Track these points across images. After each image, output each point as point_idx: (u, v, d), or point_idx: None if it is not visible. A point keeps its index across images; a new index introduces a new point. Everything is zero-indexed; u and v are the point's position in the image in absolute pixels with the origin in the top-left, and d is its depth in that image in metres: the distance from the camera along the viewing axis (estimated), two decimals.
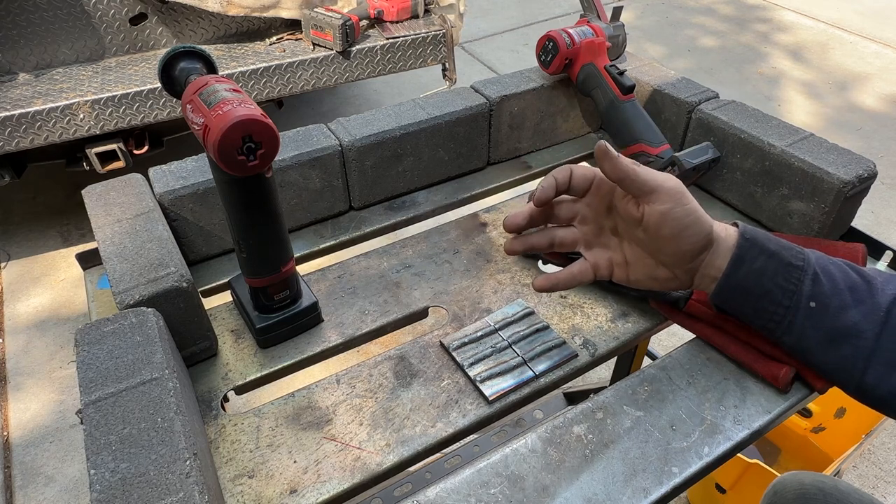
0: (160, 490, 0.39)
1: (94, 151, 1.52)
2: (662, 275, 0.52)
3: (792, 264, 0.49)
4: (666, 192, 0.48)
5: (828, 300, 0.48)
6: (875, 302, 0.48)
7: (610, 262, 0.54)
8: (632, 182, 0.48)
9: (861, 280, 0.49)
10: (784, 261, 0.49)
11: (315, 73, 1.63)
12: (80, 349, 0.47)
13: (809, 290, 0.48)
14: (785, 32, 3.26)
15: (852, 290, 0.49)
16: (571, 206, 0.54)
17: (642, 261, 0.53)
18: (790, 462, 1.32)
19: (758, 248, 0.49)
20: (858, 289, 0.49)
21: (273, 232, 0.56)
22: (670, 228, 0.48)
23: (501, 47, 3.05)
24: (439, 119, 0.78)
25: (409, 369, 0.59)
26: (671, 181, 0.48)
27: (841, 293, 0.48)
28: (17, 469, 1.34)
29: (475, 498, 0.47)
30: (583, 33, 0.84)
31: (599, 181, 0.52)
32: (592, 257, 0.54)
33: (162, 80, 0.53)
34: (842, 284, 0.49)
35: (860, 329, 0.48)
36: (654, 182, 0.48)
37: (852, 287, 0.49)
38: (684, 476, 0.49)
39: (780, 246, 0.50)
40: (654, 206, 0.48)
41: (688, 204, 0.48)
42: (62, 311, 1.68)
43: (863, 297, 0.48)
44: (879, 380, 0.47)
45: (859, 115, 2.57)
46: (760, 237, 0.50)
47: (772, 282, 0.49)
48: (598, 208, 0.53)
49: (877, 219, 2.03)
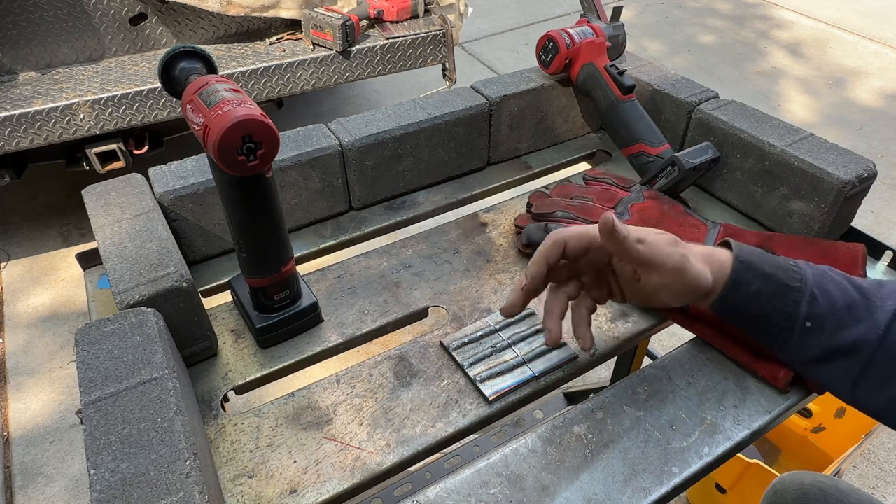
0: (160, 490, 0.39)
1: (94, 151, 1.52)
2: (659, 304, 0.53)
3: (788, 286, 0.49)
4: (667, 271, 0.48)
5: (823, 321, 0.48)
6: (873, 320, 0.48)
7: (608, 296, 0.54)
8: (634, 260, 0.48)
9: (860, 297, 0.49)
10: (780, 283, 0.49)
11: (315, 73, 1.63)
12: (80, 349, 0.47)
13: (806, 312, 0.48)
14: (784, 31, 3.25)
15: (850, 309, 0.48)
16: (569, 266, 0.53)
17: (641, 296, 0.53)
18: (790, 462, 1.32)
19: (753, 271, 0.49)
20: (856, 307, 0.48)
21: (273, 232, 0.56)
22: (668, 296, 0.49)
23: (501, 47, 3.05)
24: (439, 119, 0.78)
25: (409, 369, 0.59)
26: (673, 258, 0.47)
27: (838, 312, 0.48)
28: (17, 469, 1.34)
29: (475, 498, 0.47)
30: (583, 33, 0.84)
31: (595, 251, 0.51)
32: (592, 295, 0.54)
33: (162, 80, 0.53)
34: (840, 304, 0.48)
35: (856, 347, 0.48)
36: (656, 260, 0.47)
37: (850, 305, 0.48)
38: (684, 476, 0.49)
39: (776, 267, 0.49)
40: (651, 278, 0.49)
41: (687, 274, 0.48)
42: (62, 311, 1.68)
43: (860, 315, 0.48)
44: (870, 396, 0.48)
45: (859, 114, 2.57)
46: (756, 259, 0.49)
47: (769, 305, 0.49)
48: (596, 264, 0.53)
49: (877, 219, 2.03)
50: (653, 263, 0.48)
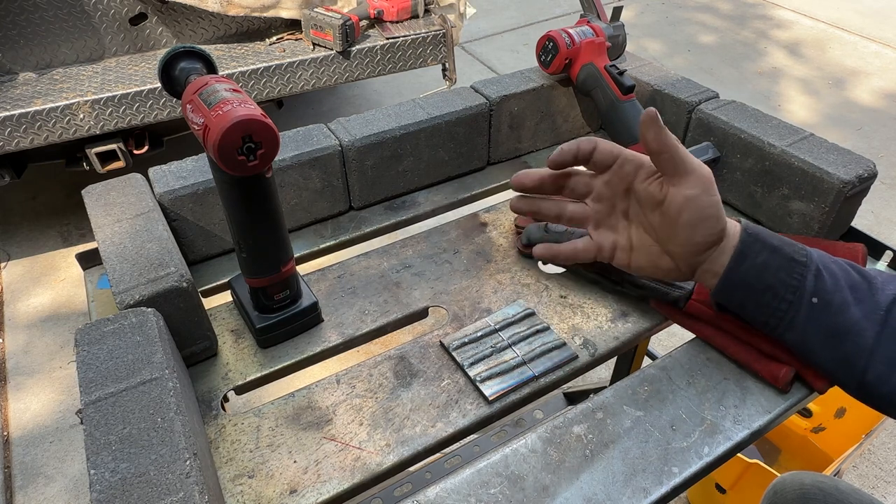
0: (160, 490, 0.39)
1: (94, 151, 1.52)
2: (665, 265, 0.52)
3: (795, 259, 0.49)
4: (697, 178, 0.48)
5: (830, 297, 0.48)
6: (875, 301, 0.48)
7: (614, 245, 0.54)
8: (670, 157, 0.47)
9: (861, 279, 0.49)
10: (787, 256, 0.49)
11: (315, 73, 1.63)
12: (80, 349, 0.47)
13: (812, 286, 0.48)
14: (785, 31, 3.26)
15: (853, 289, 0.49)
16: (588, 180, 0.53)
17: (648, 248, 0.52)
18: (790, 462, 1.32)
19: (760, 243, 0.49)
20: (859, 287, 0.49)
21: (273, 232, 0.56)
22: (690, 215, 0.48)
23: (501, 47, 3.05)
24: (439, 119, 0.78)
25: (409, 369, 0.59)
26: (705, 169, 0.48)
27: (842, 290, 0.48)
28: (17, 469, 1.34)
29: (475, 498, 0.47)
30: (583, 33, 0.84)
31: (623, 160, 0.51)
32: (598, 237, 0.54)
33: (162, 80, 0.53)
34: (843, 282, 0.49)
35: (861, 327, 0.48)
36: (692, 164, 0.48)
37: (853, 285, 0.49)
38: (684, 476, 0.49)
39: (782, 242, 0.50)
40: (680, 189, 0.48)
41: (714, 195, 0.48)
42: (62, 311, 1.68)
43: (863, 296, 0.48)
44: (880, 378, 0.47)
45: (859, 114, 2.57)
46: (763, 233, 0.50)
47: (775, 277, 0.49)
48: (616, 188, 0.52)
49: (877, 219, 2.03)
50: (690, 164, 0.47)
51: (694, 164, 0.48)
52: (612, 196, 0.53)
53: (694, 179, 0.48)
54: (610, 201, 0.53)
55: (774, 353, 0.55)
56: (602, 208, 0.53)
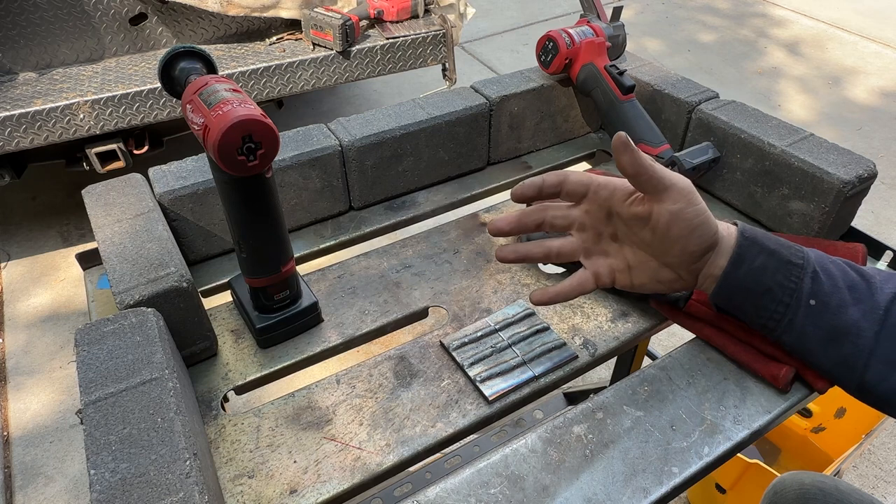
0: (160, 490, 0.39)
1: (94, 151, 1.52)
2: (666, 276, 0.52)
3: (792, 262, 0.49)
4: (678, 191, 0.48)
5: (828, 298, 0.48)
6: (874, 300, 0.48)
7: (611, 269, 0.53)
8: (648, 178, 0.47)
9: (860, 279, 0.49)
10: (784, 258, 0.49)
11: (315, 73, 1.63)
12: (80, 349, 0.47)
13: (809, 288, 0.48)
14: (784, 30, 3.26)
15: (851, 289, 0.49)
16: (567, 212, 0.53)
17: (645, 264, 0.52)
18: (790, 462, 1.32)
19: (758, 246, 0.49)
20: (857, 287, 0.49)
21: (273, 232, 0.56)
22: (680, 228, 0.48)
23: (501, 47, 3.05)
24: (439, 119, 0.78)
25: (409, 369, 0.59)
26: (684, 180, 0.48)
27: (840, 291, 0.48)
28: (17, 469, 1.34)
29: (475, 498, 0.47)
30: (583, 33, 0.84)
31: (596, 187, 0.51)
32: (592, 266, 0.53)
33: (162, 80, 0.53)
34: (841, 283, 0.49)
35: (860, 327, 0.48)
36: (669, 179, 0.48)
37: (851, 285, 0.49)
38: (684, 476, 0.49)
39: (779, 244, 0.50)
40: (664, 206, 0.48)
41: (698, 204, 0.48)
42: (62, 311, 1.68)
43: (862, 296, 0.48)
44: (880, 378, 0.47)
45: (859, 114, 2.57)
46: (760, 236, 0.50)
47: (772, 279, 0.49)
48: (596, 214, 0.52)
49: (877, 219, 2.03)
50: (667, 181, 0.47)
51: (672, 179, 0.48)
52: (595, 223, 0.53)
53: (675, 193, 0.48)
54: (595, 229, 0.53)
55: (774, 354, 0.55)
56: (588, 237, 0.53)
